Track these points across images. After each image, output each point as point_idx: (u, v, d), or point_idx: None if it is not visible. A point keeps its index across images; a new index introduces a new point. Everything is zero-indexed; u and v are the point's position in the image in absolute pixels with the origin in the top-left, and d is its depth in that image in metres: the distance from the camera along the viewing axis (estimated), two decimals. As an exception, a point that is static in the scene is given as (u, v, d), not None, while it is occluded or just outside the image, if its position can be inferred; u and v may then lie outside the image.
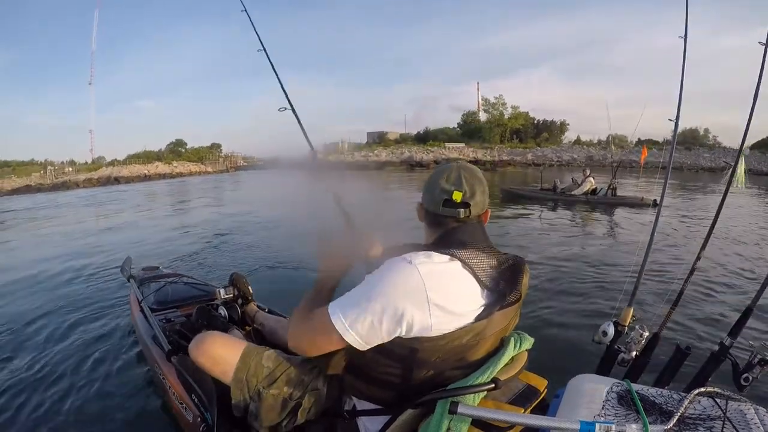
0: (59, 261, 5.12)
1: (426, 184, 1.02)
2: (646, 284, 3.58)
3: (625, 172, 9.84)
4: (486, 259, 0.95)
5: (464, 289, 0.91)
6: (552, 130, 49.64)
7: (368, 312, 0.87)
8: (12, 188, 25.40)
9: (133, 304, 2.37)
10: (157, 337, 1.83)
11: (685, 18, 1.90)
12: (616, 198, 9.16)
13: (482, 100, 49.80)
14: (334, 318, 0.90)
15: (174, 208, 11.77)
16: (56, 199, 16.37)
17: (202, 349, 1.17)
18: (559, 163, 28.02)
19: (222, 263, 4.90)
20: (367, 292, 0.89)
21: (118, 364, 2.36)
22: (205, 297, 2.33)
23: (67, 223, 9.62)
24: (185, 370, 1.45)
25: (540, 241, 6.38)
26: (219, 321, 1.83)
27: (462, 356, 0.93)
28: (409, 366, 0.92)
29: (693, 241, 6.40)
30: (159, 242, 6.38)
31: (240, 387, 1.11)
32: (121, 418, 1.87)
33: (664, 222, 8.67)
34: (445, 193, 0.96)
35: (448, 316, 0.88)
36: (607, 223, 7.68)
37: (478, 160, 35.46)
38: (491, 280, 0.94)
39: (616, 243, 6.42)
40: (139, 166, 33.78)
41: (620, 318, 1.74)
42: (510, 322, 1.02)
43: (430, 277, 0.87)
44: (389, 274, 0.89)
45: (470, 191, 0.97)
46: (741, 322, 1.56)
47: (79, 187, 25.15)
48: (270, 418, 1.09)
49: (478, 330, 0.91)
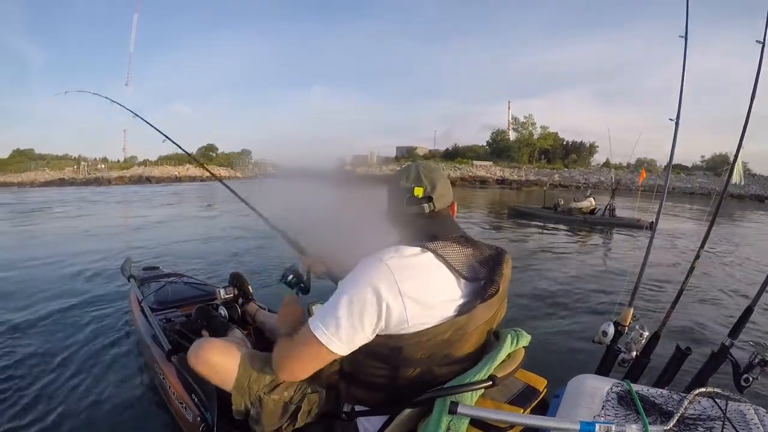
0: (68, 256, 5.14)
1: (389, 188, 1.04)
2: (647, 284, 3.58)
3: (634, 193, 9.98)
4: (460, 249, 0.96)
5: (439, 280, 0.92)
6: (581, 152, 49.32)
7: (346, 313, 0.87)
8: (45, 180, 25.93)
9: (134, 303, 2.37)
10: (157, 337, 1.83)
11: (686, 18, 1.90)
12: (613, 219, 9.53)
13: (512, 119, 49.81)
14: (316, 331, 0.89)
15: (198, 208, 12.27)
16: (86, 195, 17.20)
17: (201, 358, 1.16)
18: (586, 185, 27.80)
19: (225, 262, 4.92)
20: (340, 295, 0.89)
21: (118, 363, 2.36)
22: (205, 297, 2.33)
23: (93, 217, 9.93)
24: (185, 370, 1.45)
25: (540, 249, 6.49)
26: (219, 321, 1.83)
27: (447, 352, 0.93)
28: (395, 365, 0.92)
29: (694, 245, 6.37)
30: (169, 239, 6.39)
31: (241, 393, 1.11)
32: (121, 417, 1.87)
33: (665, 226, 8.82)
34: (407, 191, 0.98)
35: (425, 309, 0.89)
36: (604, 238, 8.11)
37: (505, 179, 35.59)
38: (468, 269, 0.95)
39: (614, 251, 6.53)
40: (171, 168, 34.55)
41: (620, 318, 1.74)
42: (495, 314, 1.01)
43: (400, 269, 0.88)
44: (360, 272, 0.90)
45: (431, 185, 0.98)
46: (741, 322, 1.56)
47: (111, 184, 26.04)
48: (271, 423, 1.09)
49: (460, 324, 0.91)
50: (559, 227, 9.13)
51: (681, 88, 1.91)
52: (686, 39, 1.91)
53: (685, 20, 1.90)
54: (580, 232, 8.69)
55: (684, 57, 1.92)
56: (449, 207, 1.03)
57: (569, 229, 8.91)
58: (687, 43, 1.91)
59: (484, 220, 10.94)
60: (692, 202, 18.31)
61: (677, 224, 9.92)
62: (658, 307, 1.97)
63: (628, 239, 7.85)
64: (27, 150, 49.81)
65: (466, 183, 34.31)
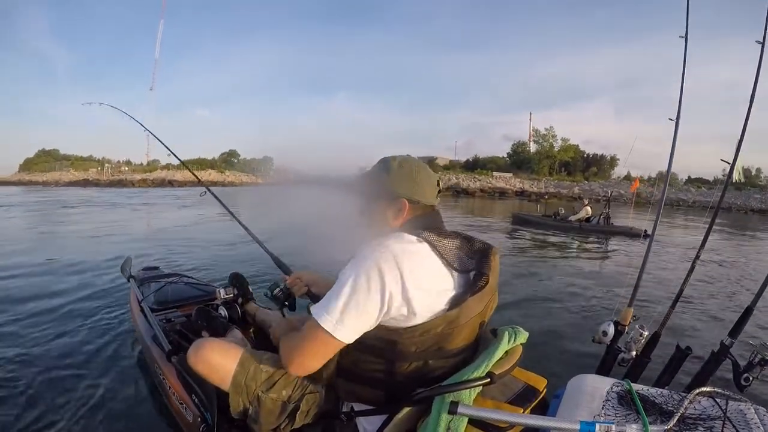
0: (77, 256, 5.16)
1: (403, 177, 1.00)
2: (647, 284, 3.59)
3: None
4: (450, 242, 0.99)
5: (434, 270, 0.93)
6: (601, 164, 49.29)
7: (350, 299, 0.87)
8: (69, 180, 26.30)
9: (133, 304, 2.37)
10: (157, 337, 1.83)
11: (686, 18, 1.90)
12: (607, 227, 10.00)
13: (533, 130, 49.90)
14: (321, 320, 0.89)
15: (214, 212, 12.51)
16: (110, 197, 18.21)
17: (200, 358, 1.16)
18: (605, 198, 27.72)
19: (225, 262, 4.92)
20: (343, 282, 0.89)
21: (118, 364, 2.36)
22: (205, 297, 2.33)
23: (112, 218, 10.32)
24: (185, 370, 1.44)
25: (539, 253, 6.56)
26: (219, 321, 1.83)
27: (440, 346, 0.94)
28: (391, 359, 0.93)
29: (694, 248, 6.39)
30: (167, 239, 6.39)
31: (239, 392, 1.11)
32: (121, 418, 1.87)
33: (665, 226, 8.93)
34: (435, 185, 1.03)
35: (425, 296, 0.90)
36: (600, 244, 8.53)
37: (524, 190, 35.78)
38: (459, 261, 0.97)
39: (610, 255, 6.60)
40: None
41: (620, 318, 1.74)
42: (486, 307, 1.02)
43: (401, 255, 0.88)
44: (362, 258, 0.89)
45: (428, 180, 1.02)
46: (741, 322, 1.56)
47: (135, 186, 26.58)
48: (269, 422, 1.09)
49: (451, 318, 0.92)
50: (557, 234, 9.63)
51: (681, 88, 1.92)
52: (686, 39, 1.91)
53: (686, 20, 1.91)
54: (577, 238, 9.15)
55: (684, 57, 1.93)
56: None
57: (567, 236, 9.41)
58: (687, 44, 1.92)
59: (490, 225, 11.52)
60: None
61: (692, 237, 9.99)
62: (658, 307, 1.97)
63: (622, 245, 8.23)
64: (52, 150, 51.58)
65: (486, 194, 34.70)
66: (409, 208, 0.99)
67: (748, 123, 1.75)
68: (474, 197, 32.06)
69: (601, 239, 9.08)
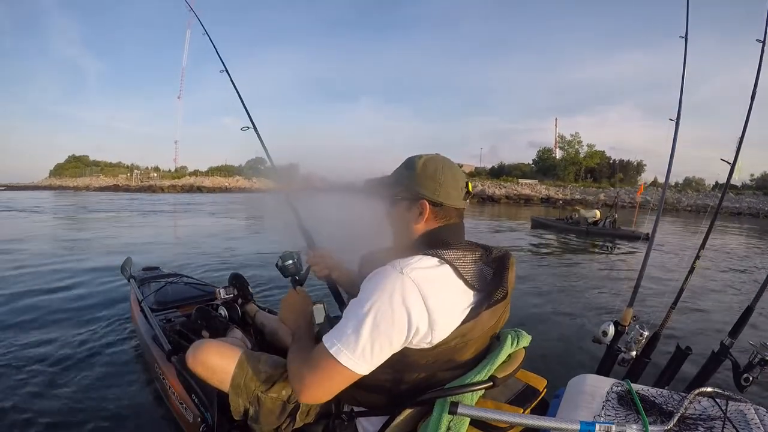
0: (80, 258, 5.16)
1: (425, 177, 0.94)
2: (647, 284, 3.59)
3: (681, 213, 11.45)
4: (470, 257, 0.94)
5: (456, 294, 0.89)
6: (628, 170, 49.07)
7: (372, 332, 0.82)
8: (100, 186, 26.93)
9: (134, 304, 2.37)
10: (157, 337, 1.83)
11: (686, 18, 1.91)
12: (613, 230, 10.68)
13: (558, 137, 49.89)
14: (337, 354, 0.83)
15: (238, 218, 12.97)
16: (139, 203, 19.20)
17: (199, 359, 1.14)
18: (632, 204, 27.35)
19: (225, 262, 4.92)
20: (362, 313, 0.82)
21: (119, 364, 2.36)
22: (205, 297, 2.33)
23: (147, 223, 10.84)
24: (185, 370, 1.44)
25: (546, 253, 6.62)
26: (219, 321, 1.83)
27: (450, 358, 0.91)
28: (399, 370, 0.90)
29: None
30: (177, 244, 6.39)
31: (238, 393, 1.10)
32: (121, 418, 1.87)
33: (666, 230, 9.24)
34: (462, 187, 0.96)
35: (447, 324, 0.86)
36: (604, 246, 9.06)
37: (550, 197, 35.82)
38: (479, 280, 0.93)
39: (614, 256, 6.68)
40: (221, 179, 36.84)
41: (620, 318, 1.74)
42: (499, 319, 0.99)
43: (423, 283, 0.83)
44: (381, 286, 0.83)
45: (457, 181, 0.96)
46: (741, 322, 1.56)
47: (164, 192, 27.65)
48: (270, 422, 1.08)
49: (464, 332, 0.89)
50: (567, 236, 10.30)
51: (681, 89, 1.92)
52: (686, 39, 1.92)
53: (686, 20, 1.91)
54: (584, 240, 9.73)
55: (684, 57, 1.93)
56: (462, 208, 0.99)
57: (575, 237, 10.08)
58: (687, 43, 1.92)
59: (511, 227, 12.46)
60: (741, 222, 18.73)
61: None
62: (658, 308, 1.97)
63: (626, 248, 8.65)
64: (82, 156, 53.53)
65: (511, 201, 34.98)
66: (430, 211, 0.93)
67: (749, 117, 1.75)
68: (500, 204, 32.37)
69: (606, 241, 9.53)
